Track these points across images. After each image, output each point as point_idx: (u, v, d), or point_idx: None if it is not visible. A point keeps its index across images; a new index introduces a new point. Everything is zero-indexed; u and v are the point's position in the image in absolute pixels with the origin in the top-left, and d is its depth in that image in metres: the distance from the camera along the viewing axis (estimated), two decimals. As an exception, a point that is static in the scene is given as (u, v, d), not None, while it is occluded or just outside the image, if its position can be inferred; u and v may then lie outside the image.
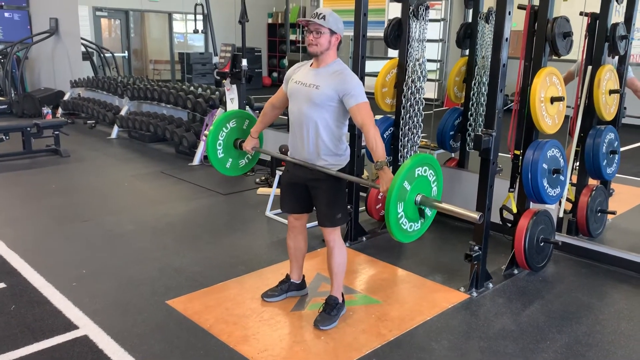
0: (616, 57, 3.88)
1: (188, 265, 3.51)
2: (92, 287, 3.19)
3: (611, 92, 3.72)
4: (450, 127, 4.46)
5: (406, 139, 3.92)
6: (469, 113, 4.39)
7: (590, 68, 3.72)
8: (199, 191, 5.18)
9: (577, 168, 3.93)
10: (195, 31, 9.52)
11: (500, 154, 3.20)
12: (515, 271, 3.46)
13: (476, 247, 3.15)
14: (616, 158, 3.84)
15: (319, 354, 2.58)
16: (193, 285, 3.22)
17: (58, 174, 5.75)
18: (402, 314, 2.95)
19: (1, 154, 6.22)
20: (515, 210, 3.42)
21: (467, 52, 4.42)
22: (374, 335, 2.73)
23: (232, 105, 5.73)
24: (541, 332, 2.79)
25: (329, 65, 2.66)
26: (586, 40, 3.72)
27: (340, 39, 2.66)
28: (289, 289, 3.08)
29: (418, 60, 3.81)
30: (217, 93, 6.72)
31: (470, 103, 4.36)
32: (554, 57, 3.27)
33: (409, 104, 3.85)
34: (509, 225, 3.48)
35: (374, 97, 3.87)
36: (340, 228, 2.82)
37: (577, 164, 3.90)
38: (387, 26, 3.87)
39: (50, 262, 3.52)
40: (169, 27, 12.85)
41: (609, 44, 3.68)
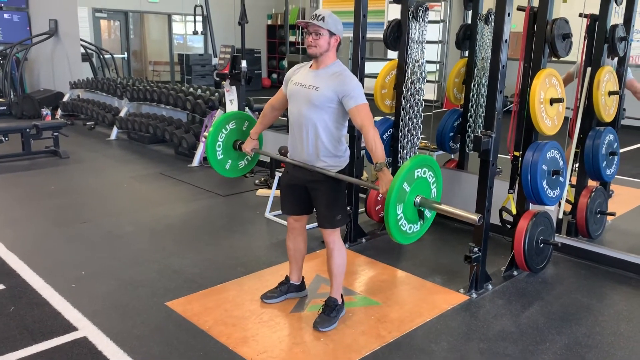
0: (615, 59, 3.88)
1: (187, 267, 3.50)
2: (92, 288, 3.19)
3: (610, 93, 3.73)
4: (449, 129, 4.47)
5: (405, 140, 3.92)
6: (469, 114, 4.39)
7: (589, 69, 3.72)
8: (198, 192, 5.18)
9: (576, 169, 3.93)
10: (195, 32, 9.51)
11: (500, 155, 3.20)
12: (515, 272, 3.46)
13: (476, 249, 3.15)
14: (615, 159, 3.84)
15: (318, 355, 2.57)
16: (192, 287, 3.21)
17: (57, 176, 5.75)
18: (401, 315, 2.94)
19: (0, 155, 6.21)
20: (514, 212, 3.42)
21: (466, 53, 4.42)
22: (373, 337, 2.73)
23: (232, 107, 5.73)
24: (541, 334, 2.79)
25: (328, 66, 2.66)
26: (585, 41, 3.73)
27: (339, 40, 2.66)
28: (288, 290, 3.07)
29: (417, 62, 3.81)
30: (216, 94, 6.71)
31: (470, 104, 4.36)
32: (553, 59, 3.27)
33: (408, 105, 3.85)
34: (509, 226, 3.48)
35: (374, 99, 3.86)
36: (340, 229, 2.82)
37: (577, 165, 3.91)
38: (386, 27, 3.87)
39: (49, 263, 3.52)
40: (168, 29, 12.86)
41: (608, 45, 3.69)
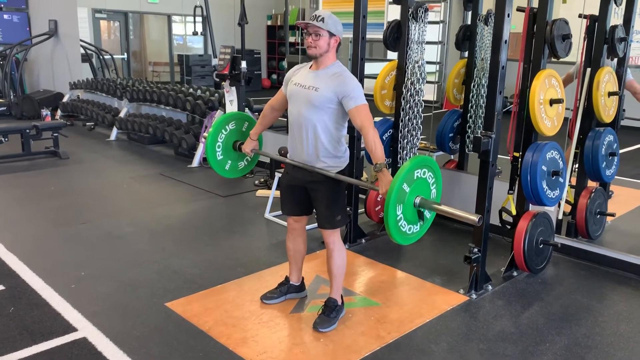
0: (615, 59, 3.88)
1: (187, 268, 3.50)
2: (91, 289, 3.19)
3: (610, 94, 3.73)
4: (449, 129, 4.47)
5: (405, 141, 3.92)
6: (468, 115, 4.39)
7: (589, 70, 3.73)
8: (198, 193, 5.18)
9: (576, 170, 3.94)
10: (195, 33, 9.52)
11: (500, 156, 3.20)
12: (515, 273, 3.46)
13: (475, 249, 3.15)
14: (615, 160, 3.85)
15: (318, 356, 2.57)
16: (192, 288, 3.21)
17: (57, 176, 5.75)
18: (401, 316, 2.94)
19: (0, 155, 6.21)
20: (514, 212, 3.42)
21: (466, 54, 4.42)
22: (373, 338, 2.72)
23: (232, 107, 5.73)
24: (540, 334, 2.79)
25: (328, 67, 2.66)
26: (585, 42, 3.73)
27: (339, 41, 2.66)
28: (288, 291, 3.07)
29: (417, 63, 3.81)
30: (216, 95, 6.72)
31: (470, 105, 4.36)
32: (553, 59, 3.27)
33: (408, 106, 3.85)
34: (508, 227, 3.48)
35: (373, 99, 3.87)
36: (340, 230, 2.82)
37: (577, 166, 3.91)
38: (386, 28, 3.87)
39: (49, 264, 3.52)
40: (168, 29, 12.87)
41: (607, 46, 3.69)
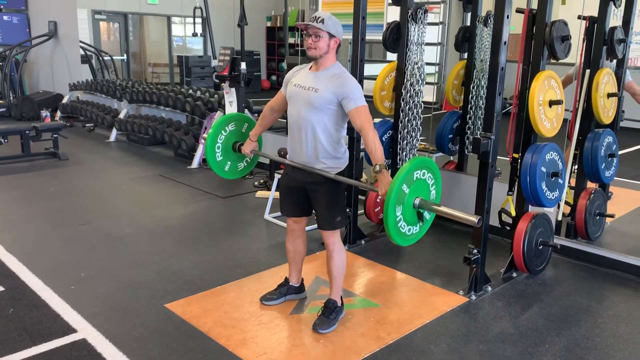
0: (614, 61, 3.89)
1: (187, 269, 3.50)
2: (91, 290, 3.19)
3: (609, 95, 3.73)
4: (449, 130, 4.47)
5: (405, 142, 3.93)
6: (468, 116, 4.39)
7: (588, 71, 3.73)
8: (197, 194, 5.18)
9: (575, 171, 3.94)
10: (194, 34, 9.54)
11: (499, 157, 3.20)
12: (514, 274, 3.46)
13: (475, 251, 3.15)
14: (614, 161, 3.85)
15: (317, 357, 2.57)
16: (192, 289, 3.21)
17: (56, 177, 5.74)
18: (401, 317, 2.94)
19: (0, 157, 6.21)
20: (514, 214, 3.42)
21: (465, 55, 4.43)
22: (372, 339, 2.72)
23: (231, 109, 5.73)
24: (540, 335, 2.79)
25: (328, 68, 2.66)
26: (584, 43, 3.73)
27: (339, 42, 2.66)
28: (287, 292, 3.07)
29: (417, 64, 3.81)
30: (215, 96, 6.72)
31: (469, 106, 4.36)
32: (552, 61, 3.28)
33: (407, 107, 3.85)
34: (508, 228, 3.49)
35: (373, 101, 3.87)
36: (339, 231, 2.82)
37: (576, 167, 3.91)
38: (385, 29, 3.88)
39: (48, 265, 3.52)
40: (167, 31, 12.87)
41: (607, 47, 3.69)
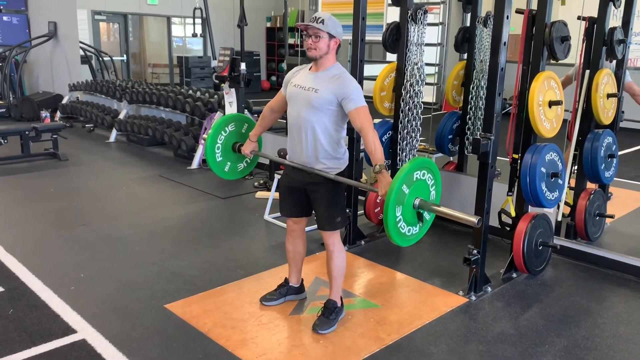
0: (614, 61, 3.89)
1: (186, 269, 3.50)
2: (91, 291, 3.19)
3: (609, 96, 3.73)
4: (448, 131, 4.47)
5: (405, 142, 3.93)
6: (468, 117, 4.39)
7: (588, 72, 3.73)
8: (197, 195, 5.18)
9: (575, 172, 3.94)
10: (194, 35, 9.54)
11: (499, 158, 3.20)
12: (514, 275, 3.46)
13: (475, 251, 3.15)
14: (614, 162, 3.85)
15: (317, 358, 2.57)
16: (191, 289, 3.21)
17: (56, 178, 5.74)
18: (400, 318, 2.94)
19: (0, 157, 6.23)
20: (513, 214, 3.42)
21: (465, 56, 4.43)
22: (372, 340, 2.72)
23: (231, 109, 5.74)
24: (540, 336, 2.79)
25: (328, 69, 2.66)
26: (584, 44, 3.74)
27: (339, 42, 2.66)
28: (287, 292, 3.07)
29: (416, 64, 3.81)
30: (215, 97, 6.72)
31: (469, 107, 4.36)
32: (552, 61, 3.28)
33: (407, 107, 3.85)
34: (508, 229, 3.49)
35: (373, 101, 3.87)
36: (339, 231, 2.82)
37: (576, 167, 3.91)
38: (385, 30, 3.88)
39: (48, 265, 3.52)
40: (167, 31, 12.87)
41: (606, 48, 3.69)
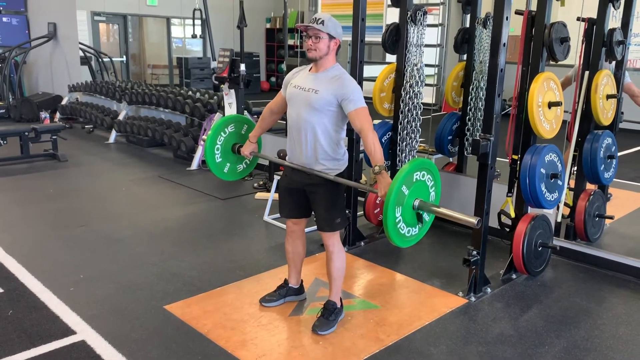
0: (613, 62, 3.89)
1: (186, 270, 3.50)
2: (90, 292, 3.18)
3: (608, 97, 3.74)
4: (448, 132, 4.47)
5: (404, 143, 3.93)
6: (467, 118, 4.39)
7: (587, 73, 3.73)
8: (196, 196, 5.18)
9: (574, 173, 3.94)
10: (194, 36, 9.55)
11: (498, 159, 3.20)
12: (514, 276, 3.46)
13: (474, 252, 3.15)
14: (614, 163, 3.85)
15: (317, 359, 2.57)
16: (191, 290, 3.21)
17: (56, 179, 5.74)
18: (400, 318, 2.94)
19: (-1, 158, 6.22)
20: (513, 215, 3.42)
21: (464, 57, 4.43)
22: (372, 340, 2.72)
23: (231, 110, 5.74)
24: (539, 337, 2.79)
25: (327, 70, 2.66)
26: (583, 45, 3.74)
27: (339, 43, 2.67)
28: (287, 293, 3.07)
29: (416, 65, 3.82)
30: (215, 98, 6.72)
31: (468, 108, 4.36)
32: (551, 62, 3.28)
33: (407, 108, 3.85)
34: (507, 229, 3.49)
35: (372, 102, 3.87)
36: (339, 232, 2.82)
37: (575, 168, 3.91)
38: (385, 31, 3.88)
39: (47, 266, 3.51)
40: (167, 32, 12.88)
41: (606, 49, 3.69)
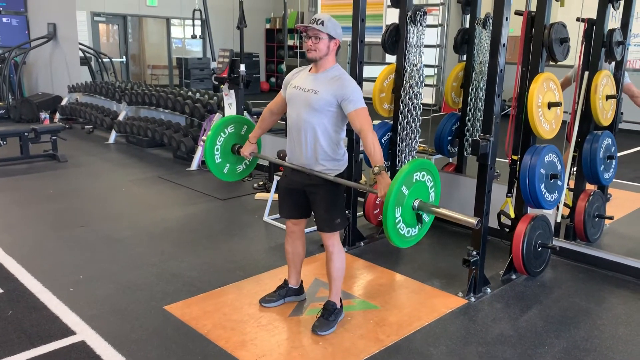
0: (613, 63, 3.89)
1: (186, 271, 3.50)
2: (90, 292, 3.18)
3: (608, 97, 3.74)
4: (448, 132, 4.47)
5: (404, 144, 3.93)
6: (467, 118, 4.39)
7: (587, 73, 3.74)
8: (196, 196, 5.18)
9: (574, 173, 3.94)
10: (194, 36, 9.55)
11: (498, 159, 3.20)
12: (513, 276, 3.46)
13: (474, 252, 3.15)
14: (613, 163, 3.85)
15: (317, 359, 2.57)
16: (191, 291, 3.21)
17: (55, 179, 5.74)
18: (400, 319, 2.94)
19: (-2, 159, 6.22)
20: (513, 216, 3.42)
21: (464, 57, 4.43)
22: (372, 341, 2.72)
23: (230, 111, 5.74)
24: (539, 337, 2.79)
25: (327, 70, 2.66)
26: (583, 45, 3.74)
27: (339, 44, 2.67)
28: (287, 294, 3.07)
29: (416, 66, 3.82)
30: (215, 98, 6.72)
31: (468, 108, 4.36)
32: (551, 63, 3.28)
33: (406, 109, 3.85)
34: (507, 230, 3.49)
35: (372, 103, 3.87)
36: (339, 233, 2.82)
37: (575, 169, 3.91)
38: (384, 32, 3.88)
39: (47, 267, 3.51)
40: (167, 33, 12.88)
41: (605, 49, 3.70)
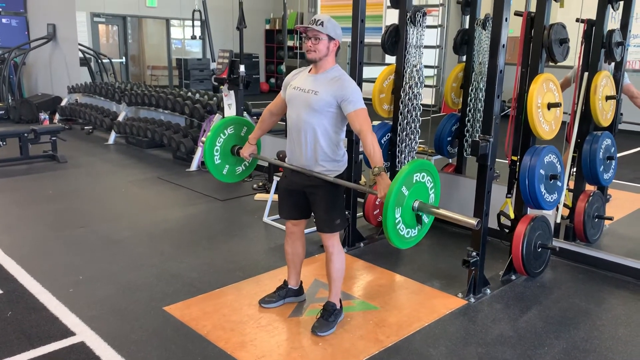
0: (612, 64, 3.90)
1: (185, 271, 3.50)
2: (89, 293, 3.18)
3: (607, 98, 3.74)
4: (447, 133, 4.47)
5: (404, 144, 3.93)
6: (467, 119, 4.39)
7: (586, 74, 3.74)
8: (196, 197, 5.18)
9: (574, 174, 3.94)
10: (193, 37, 9.56)
11: (498, 160, 3.20)
12: (513, 277, 3.46)
13: (474, 253, 3.15)
14: (613, 164, 3.85)
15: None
16: (190, 292, 3.21)
17: (55, 180, 5.74)
18: (400, 320, 2.94)
19: (-2, 159, 6.21)
20: (512, 216, 3.43)
21: (464, 58, 4.43)
22: (371, 342, 2.72)
23: (230, 111, 5.74)
24: (539, 338, 2.79)
25: (327, 71, 2.67)
26: (582, 46, 3.74)
27: (338, 44, 2.67)
28: (286, 295, 3.07)
29: (415, 67, 3.82)
30: (214, 99, 6.72)
31: (468, 109, 4.36)
32: (550, 63, 3.28)
33: (406, 109, 3.86)
34: (507, 231, 3.49)
35: (372, 103, 3.87)
36: (339, 234, 2.82)
37: (574, 169, 3.92)
38: (384, 32, 3.89)
39: (46, 268, 3.51)
40: (166, 33, 12.88)
41: (605, 50, 3.70)
